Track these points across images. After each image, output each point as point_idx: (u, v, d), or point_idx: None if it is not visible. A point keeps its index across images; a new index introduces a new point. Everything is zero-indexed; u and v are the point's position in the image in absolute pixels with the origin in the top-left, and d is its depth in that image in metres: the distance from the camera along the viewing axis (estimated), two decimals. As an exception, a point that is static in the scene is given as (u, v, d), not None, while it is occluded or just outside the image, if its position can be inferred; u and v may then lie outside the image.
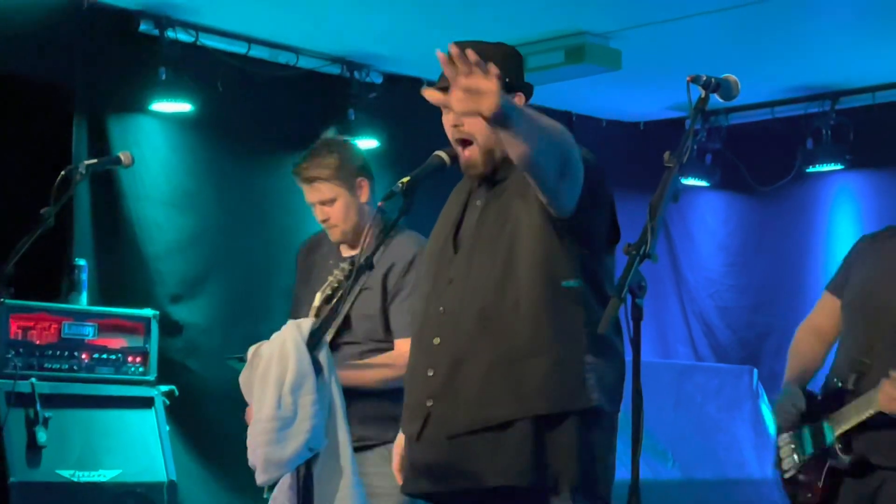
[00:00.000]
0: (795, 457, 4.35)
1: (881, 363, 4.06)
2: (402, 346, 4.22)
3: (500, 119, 2.94)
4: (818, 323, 4.49)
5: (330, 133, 4.75)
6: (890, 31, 7.27)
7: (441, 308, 3.46)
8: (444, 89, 3.19)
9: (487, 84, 2.87)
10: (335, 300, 4.13)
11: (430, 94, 3.15)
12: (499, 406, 3.33)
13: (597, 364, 3.35)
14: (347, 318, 4.39)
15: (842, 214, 8.97)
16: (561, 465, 3.31)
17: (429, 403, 3.43)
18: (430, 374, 3.43)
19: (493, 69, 2.90)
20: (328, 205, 4.52)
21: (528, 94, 3.56)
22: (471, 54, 2.87)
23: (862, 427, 4.10)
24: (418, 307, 3.62)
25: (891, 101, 8.46)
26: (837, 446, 4.16)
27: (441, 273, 3.51)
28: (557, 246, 3.35)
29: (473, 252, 3.45)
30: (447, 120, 3.50)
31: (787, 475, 4.39)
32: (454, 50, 2.86)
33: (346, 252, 4.57)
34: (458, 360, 3.38)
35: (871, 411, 4.04)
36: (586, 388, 3.34)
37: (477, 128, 3.42)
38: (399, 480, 3.65)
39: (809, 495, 4.30)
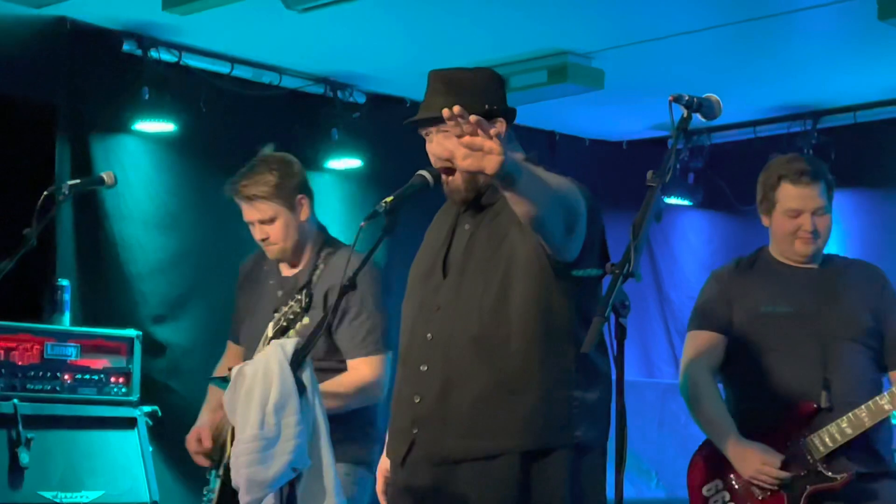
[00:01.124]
0: (736, 502, 4.28)
1: (839, 378, 4.16)
2: (356, 365, 4.19)
3: (504, 178, 2.94)
4: (712, 364, 4.41)
5: (268, 149, 4.67)
6: (871, 51, 7.30)
7: (429, 335, 3.44)
8: (426, 121, 3.35)
9: (490, 144, 2.86)
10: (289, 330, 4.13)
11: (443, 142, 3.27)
12: (485, 438, 3.33)
13: (585, 398, 3.35)
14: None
15: (824, 233, 8.98)
16: (548, 501, 3.31)
17: (414, 430, 3.42)
18: (417, 400, 3.42)
19: (495, 128, 2.92)
20: (267, 223, 4.46)
21: (511, 119, 3.57)
22: (472, 118, 2.85)
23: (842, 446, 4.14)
24: (403, 331, 3.61)
25: (872, 120, 8.49)
26: (822, 467, 4.16)
27: (428, 298, 3.50)
28: (553, 282, 3.35)
29: (463, 278, 3.44)
30: (430, 149, 3.51)
31: None
32: (456, 109, 2.85)
33: (287, 271, 4.52)
34: (445, 389, 3.38)
35: (863, 429, 4.08)
36: (574, 423, 3.34)
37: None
38: (383, 502, 3.65)
39: None
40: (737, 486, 4.29)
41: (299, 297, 3.94)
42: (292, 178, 4.52)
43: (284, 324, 4.05)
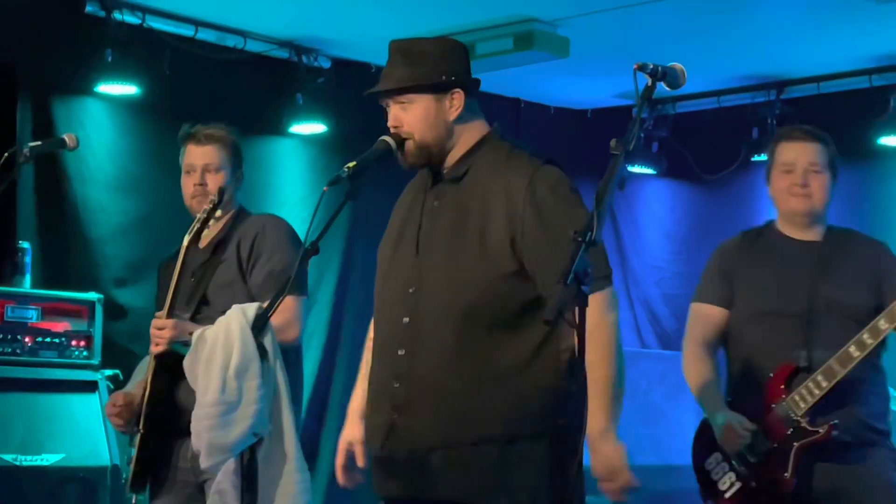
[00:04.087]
0: (735, 471, 4.36)
1: (820, 343, 4.22)
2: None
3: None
4: (708, 338, 4.51)
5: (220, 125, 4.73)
6: (835, 22, 7.33)
7: (405, 319, 3.41)
8: (383, 93, 3.44)
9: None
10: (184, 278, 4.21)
11: None
12: (466, 424, 3.31)
13: (568, 386, 3.34)
14: (205, 296, 4.35)
15: (786, 203, 9.03)
16: (531, 490, 3.31)
17: (394, 415, 3.40)
18: (396, 385, 3.40)
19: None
20: (212, 171, 4.49)
21: (473, 89, 3.55)
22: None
23: (825, 404, 4.19)
24: (377, 310, 3.59)
25: (836, 91, 8.52)
26: (805, 422, 4.21)
27: (401, 279, 3.47)
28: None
29: (436, 260, 3.40)
30: (389, 120, 3.52)
31: (729, 493, 4.37)
32: None
33: (205, 243, 4.50)
34: (426, 375, 3.35)
35: (836, 378, 4.15)
36: (556, 411, 3.33)
37: (414, 126, 3.46)
38: (340, 477, 3.63)
39: (770, 497, 4.28)
40: (732, 455, 4.36)
41: (212, 197, 4.04)
42: (239, 147, 4.60)
43: (198, 225, 4.09)
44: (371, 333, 3.70)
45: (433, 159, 3.49)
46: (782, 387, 4.26)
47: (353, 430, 3.65)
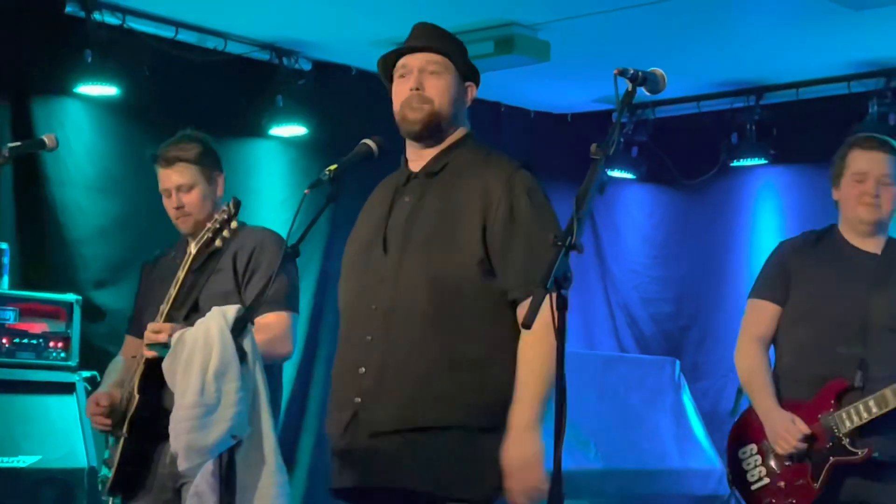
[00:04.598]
0: (766, 467, 4.41)
1: (877, 362, 4.27)
2: (264, 319, 4.18)
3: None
4: (763, 333, 4.54)
5: (188, 130, 4.63)
6: (814, 28, 7.36)
7: (374, 306, 3.43)
8: (407, 50, 3.49)
9: None
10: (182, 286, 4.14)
11: None
12: (429, 411, 3.33)
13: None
14: (196, 303, 4.33)
15: (765, 209, 9.07)
16: (489, 482, 3.31)
17: (357, 400, 3.41)
18: (362, 371, 3.42)
19: None
20: (185, 191, 4.44)
21: (477, 82, 3.62)
22: None
23: (870, 425, 4.25)
24: (343, 304, 3.60)
25: (814, 97, 8.56)
26: (846, 441, 4.27)
27: (370, 270, 3.49)
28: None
29: (407, 251, 3.43)
30: (403, 84, 3.51)
31: (755, 486, 4.43)
32: None
33: (193, 248, 4.37)
34: (391, 361, 3.37)
35: (887, 408, 4.20)
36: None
37: (437, 93, 3.50)
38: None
39: (793, 500, 4.34)
40: (767, 451, 4.42)
41: (226, 207, 3.94)
42: (213, 153, 4.53)
43: (210, 235, 4.06)
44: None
45: (432, 134, 3.50)
46: (832, 401, 4.31)
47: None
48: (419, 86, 3.50)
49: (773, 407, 4.38)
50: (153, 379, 4.15)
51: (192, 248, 4.15)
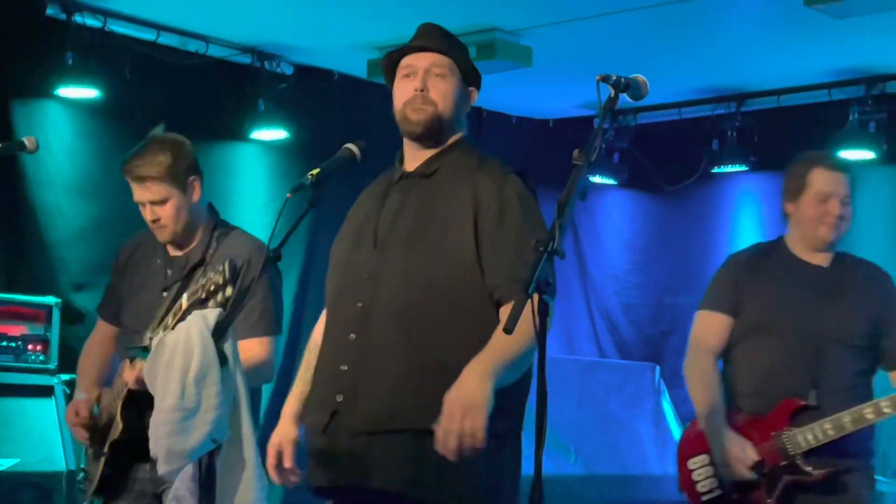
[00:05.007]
0: (718, 478, 4.41)
1: (829, 379, 4.31)
2: (249, 345, 4.14)
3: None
4: (714, 345, 4.53)
5: (158, 130, 4.47)
6: (796, 36, 7.38)
7: (359, 304, 3.43)
8: (413, 49, 3.51)
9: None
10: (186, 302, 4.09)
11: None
12: (411, 411, 3.31)
13: (512, 386, 3.35)
14: (182, 319, 4.28)
15: (745, 215, 9.09)
16: (468, 487, 3.31)
17: (339, 398, 3.41)
18: (344, 368, 3.41)
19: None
20: (159, 205, 4.29)
21: (479, 87, 3.64)
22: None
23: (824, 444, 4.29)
24: (330, 302, 3.60)
25: (795, 104, 8.59)
26: (800, 461, 4.29)
27: (358, 268, 3.48)
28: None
29: (394, 248, 3.42)
30: (406, 84, 3.49)
31: (706, 497, 4.43)
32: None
33: (174, 251, 4.38)
34: (374, 359, 3.36)
35: (844, 433, 4.24)
36: (499, 412, 3.32)
37: (442, 95, 3.51)
38: (274, 477, 3.62)
39: None
40: (718, 463, 4.41)
41: (221, 268, 3.86)
42: (185, 159, 4.34)
43: (203, 295, 3.98)
44: (314, 335, 3.73)
45: (432, 136, 3.50)
46: (787, 419, 4.32)
47: (284, 430, 3.65)
48: (424, 87, 3.49)
49: (723, 425, 4.37)
50: (135, 406, 4.12)
51: (184, 302, 4.01)
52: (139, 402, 4.09)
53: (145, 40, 7.29)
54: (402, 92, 3.53)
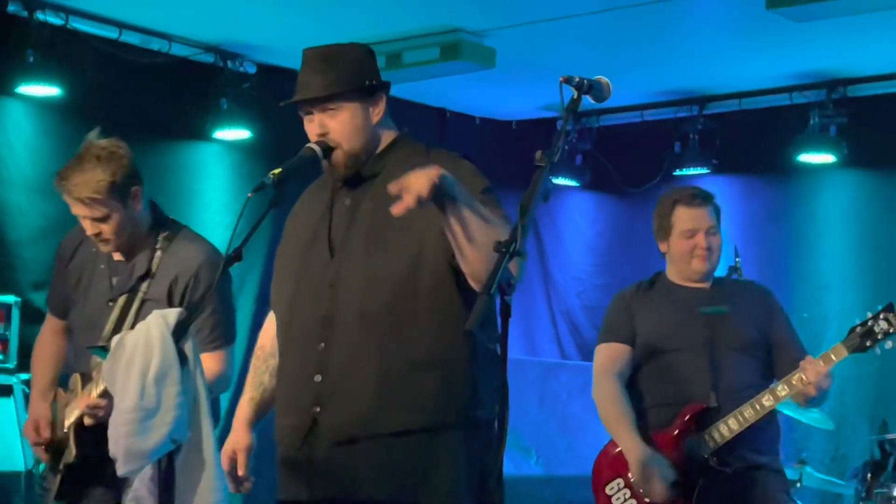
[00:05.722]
0: (636, 500, 4.52)
1: (726, 382, 4.49)
2: (203, 360, 4.11)
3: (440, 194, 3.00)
4: (618, 370, 4.68)
5: (93, 134, 4.31)
6: (758, 40, 7.42)
7: (322, 312, 3.40)
8: (308, 102, 3.41)
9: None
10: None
11: None
12: (393, 415, 3.30)
13: (483, 377, 3.36)
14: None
15: (707, 218, 9.12)
16: (451, 484, 3.32)
17: (316, 409, 3.38)
18: (319, 379, 3.38)
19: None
20: (98, 221, 4.17)
21: (387, 89, 3.54)
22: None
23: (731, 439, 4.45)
24: (284, 310, 3.56)
25: (757, 107, 8.63)
26: (713, 460, 4.42)
27: (315, 276, 3.45)
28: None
29: (355, 254, 3.40)
30: (311, 129, 3.48)
31: None
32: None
33: (118, 256, 4.28)
34: (350, 366, 3.34)
35: (748, 424, 4.40)
36: (474, 402, 3.35)
37: (342, 133, 3.43)
38: (231, 486, 3.60)
39: None
40: (635, 482, 4.52)
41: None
42: (124, 171, 4.17)
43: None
44: (262, 340, 3.71)
45: (361, 166, 3.48)
46: (692, 425, 4.47)
47: (237, 437, 3.63)
48: (323, 130, 3.45)
49: (637, 444, 4.49)
50: (89, 432, 4.09)
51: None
52: (93, 429, 4.06)
53: (107, 38, 7.26)
54: (311, 136, 3.48)
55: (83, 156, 4.20)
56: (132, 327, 4.07)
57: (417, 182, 2.97)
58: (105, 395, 4.04)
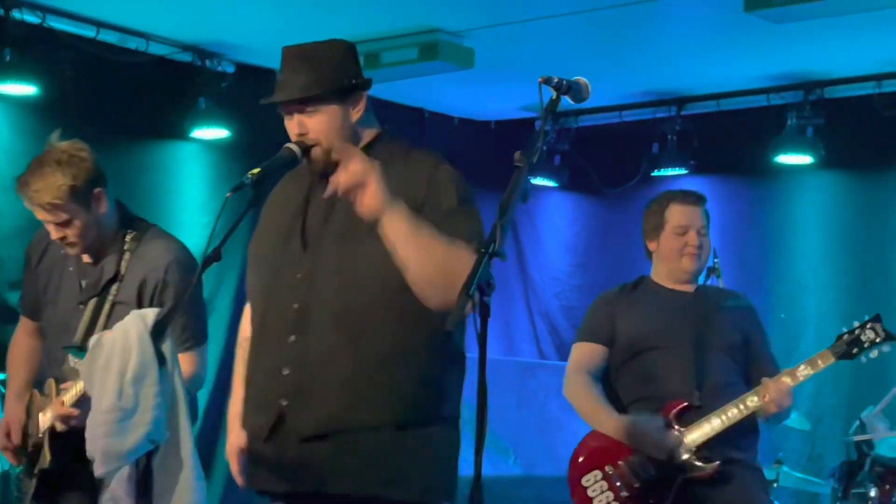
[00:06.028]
0: (613, 492, 4.53)
1: (710, 381, 4.53)
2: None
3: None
4: (589, 367, 4.74)
5: (55, 137, 4.29)
6: (736, 42, 7.44)
7: (295, 305, 3.40)
8: (284, 103, 3.42)
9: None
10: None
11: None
12: (361, 410, 3.31)
13: (449, 374, 3.37)
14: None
15: (685, 218, 9.14)
16: (422, 480, 3.33)
17: (283, 402, 3.37)
18: (286, 372, 3.38)
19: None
20: (64, 225, 4.13)
21: (367, 87, 3.54)
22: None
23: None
24: (258, 301, 3.56)
25: (734, 108, 8.65)
26: (693, 458, 4.46)
27: (287, 269, 3.45)
28: None
29: (328, 249, 3.40)
30: (291, 127, 3.48)
31: None
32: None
33: (87, 258, 4.26)
34: (318, 360, 3.34)
35: (731, 423, 4.45)
36: (441, 398, 3.36)
37: (321, 133, 3.43)
38: (241, 482, 3.59)
39: None
40: (612, 475, 4.55)
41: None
42: (86, 175, 4.13)
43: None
44: (242, 336, 3.71)
45: (335, 164, 3.47)
46: (676, 421, 4.49)
47: (239, 437, 3.62)
48: (302, 130, 3.44)
49: (620, 420, 4.53)
50: (63, 438, 4.07)
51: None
52: (67, 435, 4.04)
53: (85, 37, 7.23)
54: (291, 134, 3.48)
55: (43, 160, 4.17)
56: (105, 328, 4.10)
57: (348, 178, 3.08)
58: (78, 403, 4.03)
